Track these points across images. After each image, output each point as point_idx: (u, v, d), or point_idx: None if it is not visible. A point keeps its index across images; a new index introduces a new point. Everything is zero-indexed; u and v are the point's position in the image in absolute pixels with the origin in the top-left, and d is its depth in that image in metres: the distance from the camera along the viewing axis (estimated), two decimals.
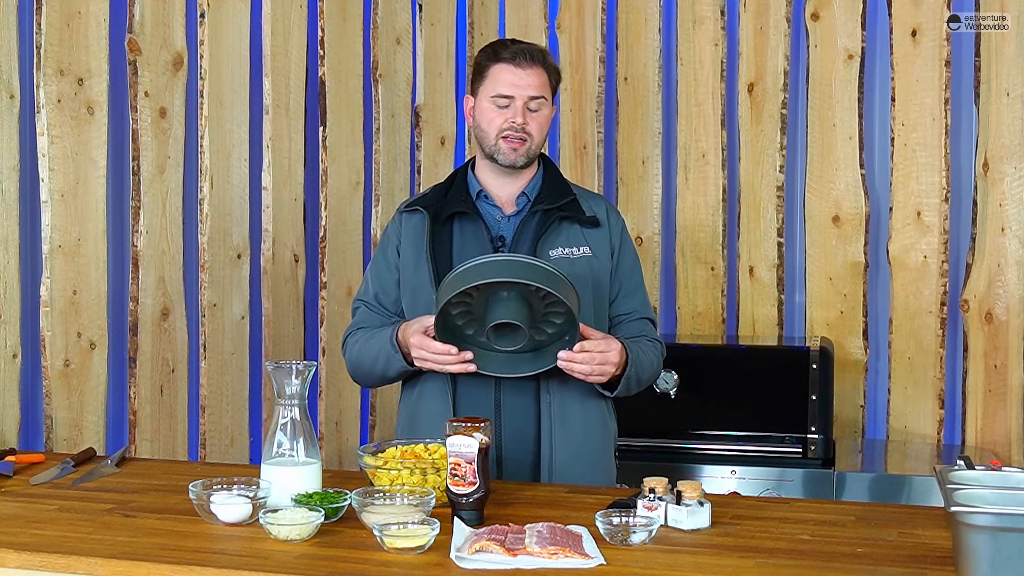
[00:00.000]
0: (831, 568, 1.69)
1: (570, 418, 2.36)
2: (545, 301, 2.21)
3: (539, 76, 2.37)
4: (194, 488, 1.96)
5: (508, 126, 2.35)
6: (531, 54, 2.36)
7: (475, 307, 2.24)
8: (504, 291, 2.20)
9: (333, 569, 1.69)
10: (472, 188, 2.44)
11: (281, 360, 2.31)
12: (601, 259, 2.42)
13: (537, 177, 2.46)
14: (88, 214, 2.81)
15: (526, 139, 2.36)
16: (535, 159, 2.43)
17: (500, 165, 2.39)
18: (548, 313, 2.24)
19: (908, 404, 3.76)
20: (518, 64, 2.35)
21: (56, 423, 2.73)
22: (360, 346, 2.44)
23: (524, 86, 2.35)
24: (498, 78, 2.36)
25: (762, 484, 3.26)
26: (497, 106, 2.36)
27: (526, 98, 2.35)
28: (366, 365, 2.43)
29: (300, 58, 3.46)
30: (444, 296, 2.20)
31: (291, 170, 3.43)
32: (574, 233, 2.41)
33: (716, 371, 3.52)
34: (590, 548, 1.76)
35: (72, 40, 2.75)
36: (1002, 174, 3.63)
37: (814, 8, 3.81)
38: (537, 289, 2.18)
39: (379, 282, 2.48)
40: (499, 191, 2.44)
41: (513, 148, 2.36)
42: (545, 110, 2.39)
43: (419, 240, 2.40)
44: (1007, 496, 1.67)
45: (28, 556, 1.77)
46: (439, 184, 2.52)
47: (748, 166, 3.90)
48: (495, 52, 2.39)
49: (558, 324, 2.25)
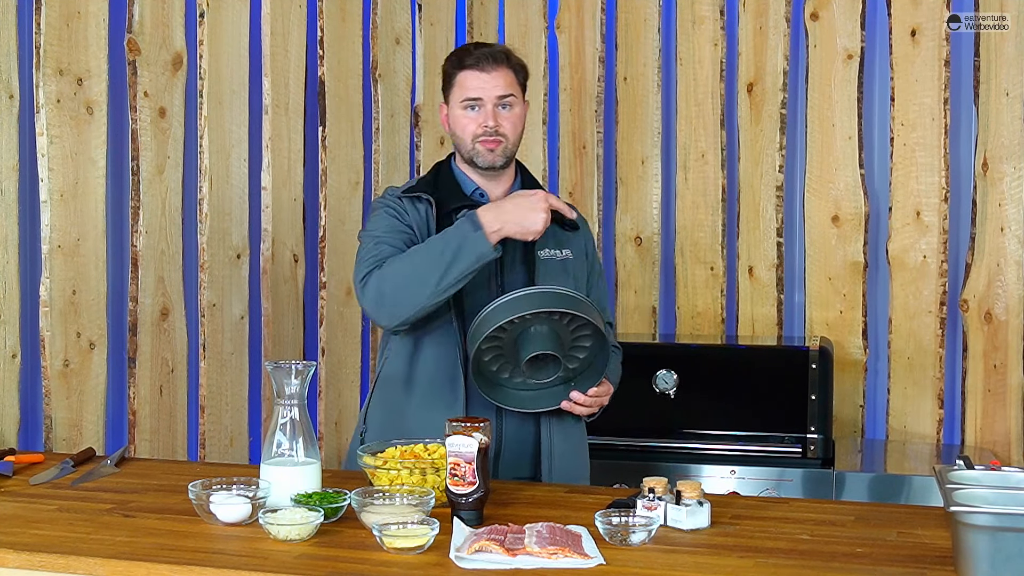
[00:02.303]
0: (830, 568, 1.69)
1: (564, 414, 2.43)
2: (571, 327, 2.29)
3: (505, 76, 2.40)
4: (193, 488, 1.96)
5: (482, 130, 2.39)
6: (494, 56, 2.40)
7: (506, 348, 2.30)
8: (533, 326, 2.27)
9: (333, 569, 1.69)
10: (467, 186, 2.46)
11: (280, 360, 2.30)
12: (579, 262, 2.50)
13: (518, 180, 2.51)
14: (87, 214, 2.80)
15: (501, 139, 2.40)
16: (513, 158, 2.46)
17: (480, 168, 2.43)
18: (576, 338, 2.32)
19: (907, 404, 3.76)
20: (482, 68, 2.39)
21: (55, 423, 2.72)
22: (405, 256, 2.29)
23: (491, 87, 2.39)
24: (465, 84, 2.40)
25: (761, 484, 3.26)
26: (468, 111, 2.40)
27: (494, 98, 2.39)
28: (419, 268, 2.25)
29: (299, 58, 3.45)
30: (478, 337, 2.25)
31: (290, 170, 3.43)
32: (559, 235, 2.47)
33: (716, 371, 3.52)
34: (589, 548, 1.76)
35: (71, 40, 2.75)
36: (1001, 174, 3.63)
37: (813, 8, 3.81)
38: (562, 316, 2.26)
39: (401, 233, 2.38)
40: (489, 191, 2.47)
41: (490, 149, 2.40)
42: (517, 108, 2.42)
43: (424, 228, 2.40)
44: (1007, 496, 1.67)
45: (28, 556, 1.77)
46: (424, 176, 2.53)
47: (747, 166, 3.90)
48: (459, 60, 2.43)
49: (587, 347, 2.34)
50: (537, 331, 2.27)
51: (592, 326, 2.28)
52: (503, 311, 2.24)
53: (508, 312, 2.24)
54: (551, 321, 2.27)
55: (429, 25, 3.94)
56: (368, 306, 2.33)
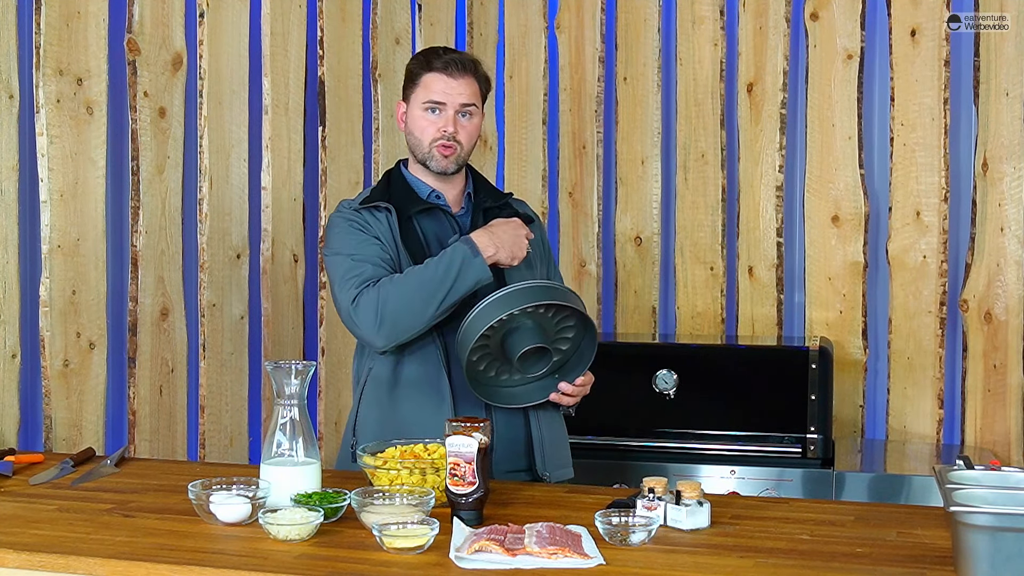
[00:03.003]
0: (830, 568, 1.69)
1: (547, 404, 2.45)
2: (555, 318, 2.31)
3: (470, 85, 2.42)
4: (193, 488, 1.96)
5: (440, 135, 2.41)
6: (463, 64, 2.42)
7: (493, 349, 2.32)
8: (517, 322, 2.29)
9: (332, 569, 1.69)
10: (421, 190, 2.48)
11: (280, 360, 2.30)
12: (536, 252, 2.53)
13: (469, 179, 2.55)
14: (87, 214, 2.80)
15: (456, 147, 2.42)
16: (463, 165, 2.49)
17: (433, 172, 2.45)
18: (560, 328, 2.34)
19: (907, 404, 3.76)
20: (450, 73, 2.40)
21: (55, 423, 2.72)
22: (404, 280, 2.29)
23: (456, 94, 2.40)
24: (430, 86, 2.41)
25: (761, 484, 3.26)
26: (429, 113, 2.41)
27: (457, 106, 2.41)
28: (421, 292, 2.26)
29: (299, 58, 3.45)
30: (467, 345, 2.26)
31: (290, 170, 3.43)
32: None
33: (715, 371, 3.52)
34: (589, 548, 1.76)
35: (71, 40, 2.75)
36: (1001, 174, 3.63)
37: (813, 8, 3.81)
38: (546, 308, 2.28)
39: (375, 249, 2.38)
40: (444, 192, 2.49)
41: (444, 156, 2.42)
42: (475, 119, 2.45)
43: (388, 237, 2.41)
44: (1006, 496, 1.67)
45: (27, 556, 1.77)
46: (376, 186, 2.54)
47: (747, 166, 3.90)
48: (427, 61, 2.44)
49: (571, 337, 2.36)
50: (523, 327, 2.29)
51: (576, 314, 2.31)
52: (488, 313, 2.24)
53: (494, 313, 2.24)
54: (534, 315, 2.28)
55: (429, 25, 3.94)
56: (364, 328, 2.31)
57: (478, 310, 2.26)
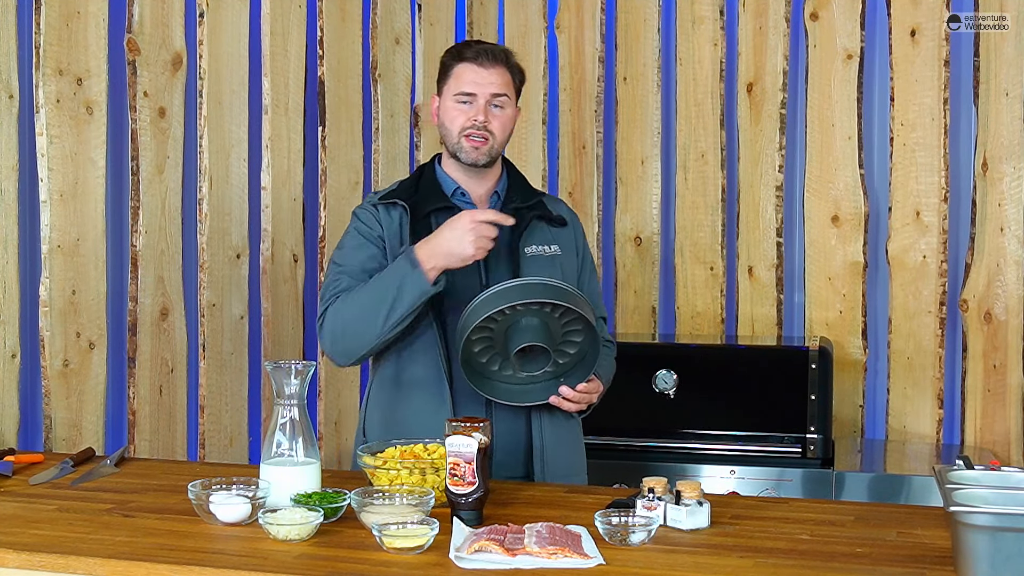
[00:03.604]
0: (830, 568, 1.69)
1: (555, 410, 2.41)
2: (562, 320, 2.28)
3: (502, 75, 2.39)
4: (193, 488, 1.96)
5: (470, 124, 2.37)
6: (494, 53, 2.39)
7: (496, 339, 2.28)
8: (523, 318, 2.26)
9: (332, 569, 1.69)
10: (447, 186, 2.45)
11: (280, 360, 2.31)
12: (569, 257, 2.49)
13: (504, 177, 2.50)
14: (87, 214, 2.80)
15: (488, 138, 2.38)
16: (497, 158, 2.45)
17: (463, 164, 2.41)
18: (567, 332, 2.30)
19: (907, 404, 3.76)
20: (480, 63, 2.37)
21: (55, 423, 2.72)
22: (352, 296, 2.31)
23: (486, 84, 2.37)
24: (461, 77, 2.38)
25: (761, 484, 3.26)
26: (460, 104, 2.38)
27: (488, 96, 2.37)
28: (370, 311, 2.27)
29: (299, 58, 3.45)
30: (466, 329, 2.24)
31: (290, 170, 3.43)
32: (545, 232, 2.47)
33: (715, 371, 3.52)
34: (589, 548, 1.76)
35: (71, 40, 2.75)
36: (1001, 174, 3.63)
37: (813, 8, 3.81)
38: (553, 308, 2.25)
39: (364, 257, 2.38)
40: (473, 189, 2.45)
41: (475, 147, 2.38)
42: (508, 109, 2.41)
43: (397, 235, 2.40)
44: (1006, 496, 1.67)
45: (27, 556, 1.77)
46: (406, 179, 2.52)
47: (747, 166, 3.90)
48: (459, 52, 2.42)
49: (578, 342, 2.32)
50: (527, 323, 2.26)
51: (583, 320, 2.27)
52: (491, 302, 2.22)
53: (497, 302, 2.22)
54: (542, 314, 2.26)
55: (429, 25, 3.94)
56: (325, 346, 2.37)
57: (478, 301, 2.24)
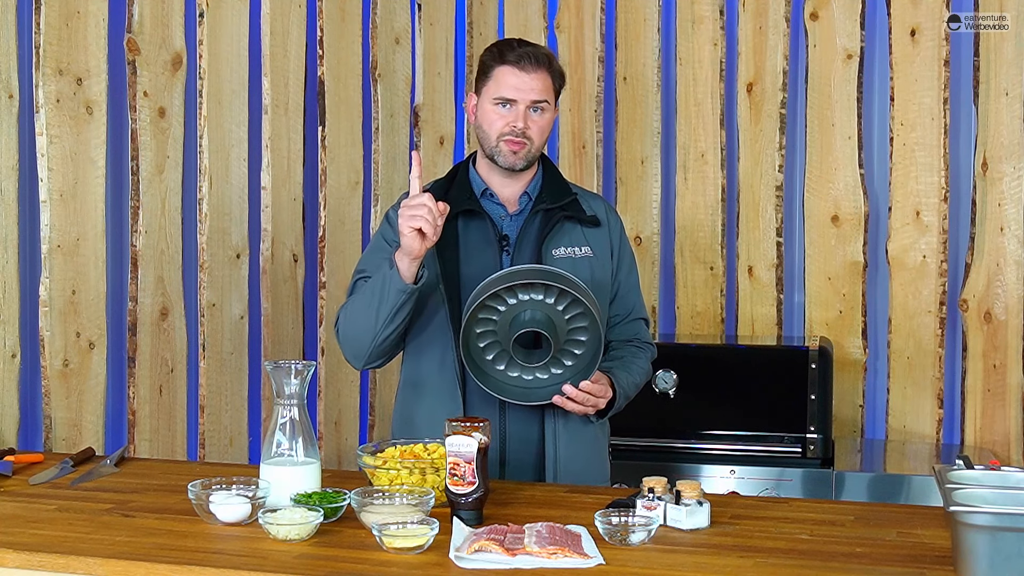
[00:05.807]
0: (830, 568, 1.69)
1: (572, 416, 2.37)
2: (567, 315, 2.24)
3: (543, 80, 2.35)
4: (193, 488, 1.96)
5: (509, 130, 2.34)
6: (536, 58, 2.34)
7: (500, 332, 2.26)
8: (527, 310, 2.23)
9: (332, 569, 1.69)
10: (476, 186, 2.43)
11: (280, 360, 2.31)
12: (602, 259, 2.43)
13: (538, 177, 2.46)
14: (87, 214, 2.80)
15: (526, 143, 2.35)
16: (535, 161, 2.42)
17: (500, 167, 2.39)
18: (572, 329, 2.26)
19: (907, 404, 3.76)
20: (522, 67, 2.33)
21: (55, 423, 2.72)
22: (354, 299, 2.35)
23: (527, 90, 2.33)
24: (501, 80, 2.34)
25: (761, 484, 3.26)
26: (499, 108, 2.35)
27: (528, 102, 2.33)
28: (362, 313, 2.29)
29: (299, 58, 3.45)
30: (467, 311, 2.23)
31: (290, 170, 3.43)
32: (576, 233, 2.42)
33: (715, 371, 3.52)
34: (589, 548, 1.76)
35: (71, 40, 2.75)
36: (1001, 174, 3.63)
37: (813, 8, 3.81)
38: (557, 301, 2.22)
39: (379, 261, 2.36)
40: (502, 190, 2.43)
41: (513, 151, 2.35)
42: (547, 114, 2.37)
43: None
44: (1006, 496, 1.67)
45: (27, 556, 1.77)
46: (440, 179, 2.49)
47: (747, 166, 3.90)
48: (500, 53, 2.36)
49: (583, 340, 2.27)
50: (531, 315, 2.23)
51: (589, 316, 2.23)
52: (490, 285, 2.21)
53: (495, 284, 2.20)
54: (545, 306, 2.23)
55: (429, 25, 3.94)
56: (341, 349, 2.41)
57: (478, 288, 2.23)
